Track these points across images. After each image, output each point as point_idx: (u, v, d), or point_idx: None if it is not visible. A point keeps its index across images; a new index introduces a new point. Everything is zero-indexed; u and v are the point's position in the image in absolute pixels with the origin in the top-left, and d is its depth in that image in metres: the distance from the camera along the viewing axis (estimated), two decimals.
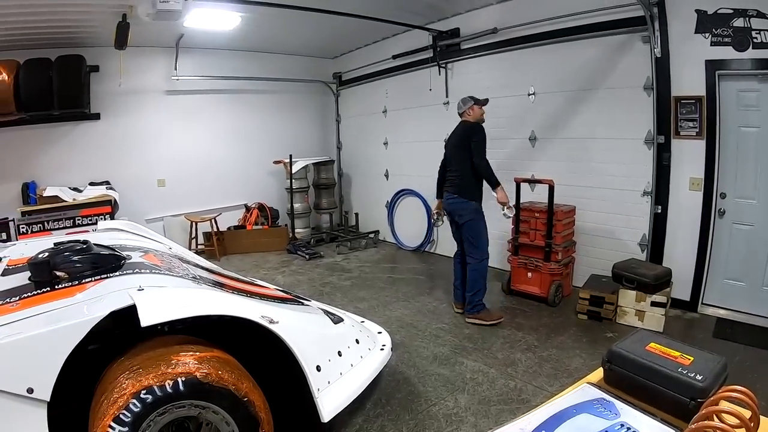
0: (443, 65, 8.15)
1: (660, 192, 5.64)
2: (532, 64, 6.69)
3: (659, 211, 5.66)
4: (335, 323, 3.57)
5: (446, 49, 7.99)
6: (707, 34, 5.11)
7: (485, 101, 5.52)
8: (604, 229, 6.17)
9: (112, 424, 2.19)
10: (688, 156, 5.42)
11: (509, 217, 5.40)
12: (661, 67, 5.46)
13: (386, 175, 9.83)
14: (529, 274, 6.00)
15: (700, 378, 1.58)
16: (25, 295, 2.71)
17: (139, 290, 2.56)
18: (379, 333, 4.13)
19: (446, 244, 8.34)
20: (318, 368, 2.94)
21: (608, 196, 6.09)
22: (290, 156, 9.41)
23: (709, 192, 5.31)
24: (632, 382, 1.72)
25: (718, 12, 5.01)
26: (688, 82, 5.31)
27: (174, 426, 2.44)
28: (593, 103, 6.19)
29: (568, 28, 6.23)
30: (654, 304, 5.03)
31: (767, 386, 3.80)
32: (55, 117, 7.70)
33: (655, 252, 5.75)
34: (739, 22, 4.90)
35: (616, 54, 5.91)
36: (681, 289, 5.51)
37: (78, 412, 2.49)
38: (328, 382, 2.99)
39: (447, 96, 8.17)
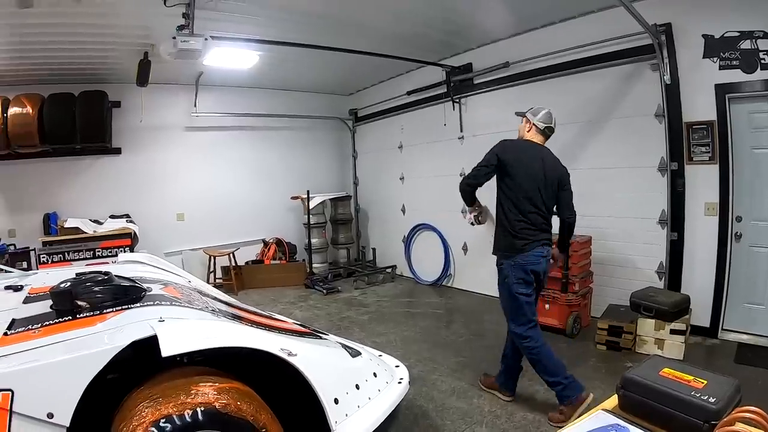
0: (457, 100, 8.26)
1: (675, 219, 5.63)
2: (544, 96, 6.66)
3: (675, 237, 5.64)
4: (353, 357, 3.56)
5: (459, 84, 8.10)
6: (715, 59, 5.18)
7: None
8: (620, 259, 6.14)
9: None
10: (702, 181, 5.43)
11: None
12: (672, 94, 5.51)
13: (403, 210, 9.88)
14: (547, 306, 5.91)
15: (713, 401, 1.60)
16: (47, 323, 2.76)
17: (160, 321, 2.60)
18: (397, 366, 4.09)
19: (464, 277, 8.36)
20: (336, 401, 2.93)
21: (624, 225, 6.09)
22: (308, 192, 9.53)
23: (724, 216, 5.29)
24: (646, 407, 1.74)
25: (725, 36, 5.08)
26: (699, 107, 5.35)
27: None
28: (605, 132, 6.24)
29: (577, 60, 6.33)
30: (673, 332, 4.97)
31: None
32: (77, 150, 7.91)
33: (673, 279, 5.70)
34: (746, 45, 4.96)
35: (626, 83, 5.97)
36: (700, 316, 5.46)
37: None
38: (346, 415, 2.97)
39: (461, 131, 8.27)
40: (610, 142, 6.21)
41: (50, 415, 2.18)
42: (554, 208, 4.16)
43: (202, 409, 2.33)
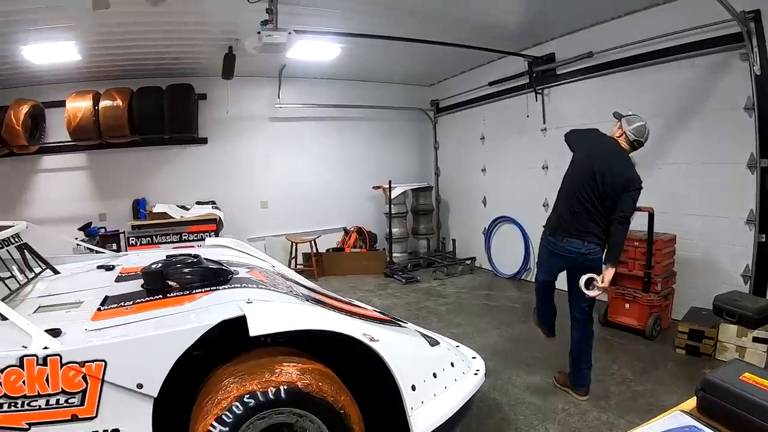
0: (539, 91, 8.09)
1: (765, 219, 5.31)
2: (627, 88, 6.56)
3: (764, 239, 5.33)
4: (432, 346, 3.57)
5: (542, 74, 7.94)
6: None
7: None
8: (705, 260, 5.90)
9: (214, 423, 2.37)
10: None
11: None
12: (762, 86, 5.16)
13: (484, 202, 9.82)
14: (627, 305, 5.79)
15: None
16: (139, 301, 2.98)
17: (248, 303, 2.73)
18: (474, 358, 4.03)
19: None
20: (413, 387, 2.96)
21: (709, 225, 5.84)
22: (389, 182, 9.60)
23: None
24: (724, 411, 1.71)
25: None
26: None
27: (270, 430, 2.55)
28: (691, 126, 5.98)
29: (661, 50, 6.09)
30: (756, 339, 4.74)
31: None
32: (165, 140, 8.33)
33: (759, 284, 5.38)
34: None
35: (713, 74, 5.70)
36: None
37: (176, 413, 2.67)
38: (422, 402, 2.99)
39: (544, 122, 8.10)
40: (696, 136, 5.93)
41: (140, 386, 2.37)
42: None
43: (285, 387, 2.46)
